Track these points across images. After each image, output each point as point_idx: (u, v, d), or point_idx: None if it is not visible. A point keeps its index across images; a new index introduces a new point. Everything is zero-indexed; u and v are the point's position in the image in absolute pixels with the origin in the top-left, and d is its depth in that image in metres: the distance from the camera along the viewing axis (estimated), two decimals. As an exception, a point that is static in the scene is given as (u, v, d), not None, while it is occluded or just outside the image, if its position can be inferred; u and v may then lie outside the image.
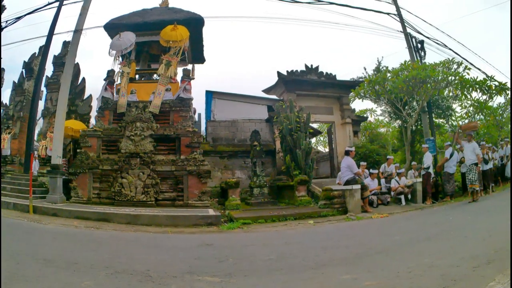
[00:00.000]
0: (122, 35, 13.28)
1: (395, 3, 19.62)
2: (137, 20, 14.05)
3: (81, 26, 12.80)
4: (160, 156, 12.06)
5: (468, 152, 13.21)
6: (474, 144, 13.20)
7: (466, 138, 13.63)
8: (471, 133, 13.84)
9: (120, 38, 13.24)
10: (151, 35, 13.94)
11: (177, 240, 7.58)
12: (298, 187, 13.43)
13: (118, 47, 13.21)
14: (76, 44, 12.85)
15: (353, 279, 4.31)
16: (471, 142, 13.28)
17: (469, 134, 13.73)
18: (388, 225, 9.90)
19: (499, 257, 4.75)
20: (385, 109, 24.42)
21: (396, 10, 19.57)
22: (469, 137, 13.54)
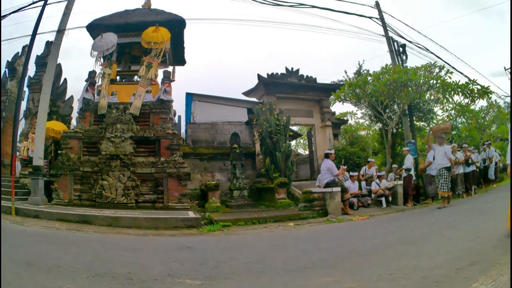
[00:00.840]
0: (104, 36, 13.19)
1: (377, 7, 19.83)
2: (119, 21, 13.97)
3: (64, 26, 12.69)
4: (140, 158, 12.03)
5: (439, 155, 12.71)
6: (446, 147, 12.74)
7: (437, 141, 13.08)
8: (442, 136, 13.22)
9: (102, 39, 13.15)
10: (133, 37, 13.87)
11: (157, 242, 7.58)
12: (278, 189, 13.48)
13: (100, 48, 13.11)
14: (59, 44, 12.71)
15: (334, 281, 4.32)
16: (443, 145, 12.79)
17: (440, 136, 13.12)
18: (369, 227, 9.94)
19: (482, 259, 4.81)
20: (366, 112, 24.56)
21: (379, 14, 19.76)
22: (440, 139, 12.99)
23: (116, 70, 13.72)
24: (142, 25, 13.60)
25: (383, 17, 19.67)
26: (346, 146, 20.60)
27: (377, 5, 19.80)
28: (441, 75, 16.21)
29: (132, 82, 13.72)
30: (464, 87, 16.68)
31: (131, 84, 13.52)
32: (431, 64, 16.41)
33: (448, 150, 12.60)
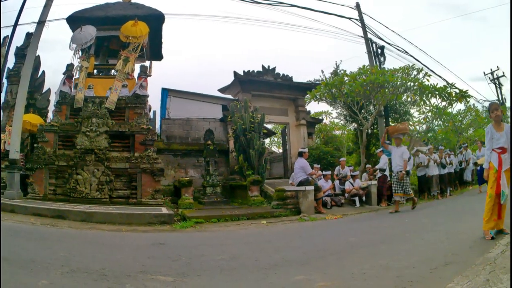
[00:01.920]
0: (83, 28, 13.07)
1: (358, 9, 20.08)
2: (99, 14, 13.87)
3: (45, 17, 12.55)
4: (114, 153, 11.95)
5: (396, 157, 12.33)
6: (403, 149, 12.37)
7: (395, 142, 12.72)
8: (399, 136, 12.79)
9: (81, 31, 13.03)
10: (112, 30, 13.78)
11: (131, 238, 7.58)
12: (251, 187, 13.63)
13: (78, 41, 13.00)
14: (39, 36, 12.57)
15: (306, 279, 4.34)
16: (400, 146, 12.44)
17: (398, 137, 12.68)
18: (342, 226, 10.03)
19: (456, 260, 4.90)
20: (341, 112, 24.77)
21: (359, 15, 20.06)
22: (397, 140, 12.60)
23: (93, 64, 13.62)
24: (122, 19, 13.53)
25: (362, 18, 20.01)
26: (320, 145, 20.86)
27: (358, 6, 20.12)
28: (419, 77, 16.38)
29: (109, 76, 13.59)
30: (442, 90, 16.91)
31: (108, 78, 13.41)
32: (409, 66, 16.59)
33: (405, 152, 12.27)
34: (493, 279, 3.73)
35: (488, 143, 6.41)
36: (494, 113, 6.39)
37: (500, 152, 6.19)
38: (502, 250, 4.90)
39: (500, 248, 5.08)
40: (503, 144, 6.21)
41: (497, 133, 6.30)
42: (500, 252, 4.82)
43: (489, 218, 6.03)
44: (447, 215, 10.36)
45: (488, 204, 6.08)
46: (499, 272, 3.92)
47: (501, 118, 6.48)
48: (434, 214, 10.92)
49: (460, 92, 17.48)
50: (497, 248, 5.11)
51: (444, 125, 21.63)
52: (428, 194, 16.14)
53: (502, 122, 6.45)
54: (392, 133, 12.98)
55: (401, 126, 13.35)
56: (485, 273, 3.96)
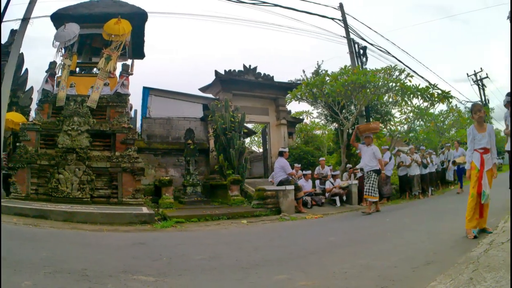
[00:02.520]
0: (67, 26, 12.96)
1: (341, 9, 20.26)
2: (83, 12, 13.75)
3: (30, 14, 12.46)
4: (95, 152, 11.90)
5: (366, 156, 11.91)
6: (374, 148, 11.98)
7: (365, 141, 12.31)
8: (370, 135, 12.37)
9: (65, 29, 12.92)
10: (95, 28, 13.69)
11: (112, 238, 7.60)
12: (231, 186, 13.71)
13: (62, 39, 12.89)
14: (23, 33, 12.48)
15: (287, 279, 4.38)
16: (370, 145, 12.02)
17: (368, 136, 12.28)
18: (323, 225, 10.07)
19: (439, 259, 4.95)
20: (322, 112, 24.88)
21: (342, 16, 20.22)
22: (368, 139, 12.18)
23: (76, 62, 13.51)
24: (105, 17, 13.45)
25: (345, 18, 20.21)
26: (301, 145, 21.09)
27: (341, 6, 20.34)
28: (401, 78, 16.47)
29: (91, 75, 13.52)
30: (424, 91, 17.09)
31: (90, 77, 13.32)
32: (391, 67, 16.66)
33: (376, 151, 11.90)
34: (476, 278, 3.76)
35: (470, 144, 6.50)
36: (476, 114, 6.49)
37: (483, 152, 6.29)
38: (485, 249, 4.94)
39: (483, 247, 5.12)
40: (486, 144, 6.31)
41: (479, 134, 6.39)
42: (483, 251, 4.86)
43: (471, 217, 6.12)
44: (428, 215, 10.46)
45: (470, 204, 6.17)
46: (483, 271, 3.95)
47: (483, 119, 6.57)
48: (415, 214, 11.03)
49: (443, 93, 17.69)
50: (480, 247, 5.16)
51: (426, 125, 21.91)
52: (409, 193, 16.29)
53: (484, 123, 6.55)
54: (362, 132, 12.66)
55: (372, 125, 13.04)
56: (468, 272, 4.00)
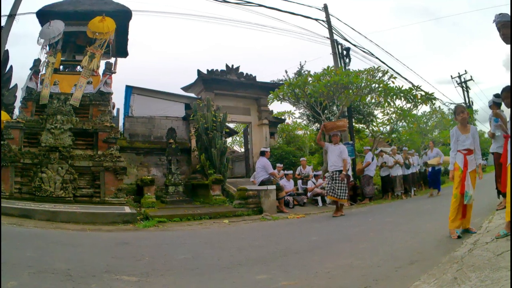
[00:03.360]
0: (52, 23, 12.95)
1: (325, 10, 20.38)
2: (68, 9, 13.75)
3: (16, 11, 12.39)
4: (78, 151, 11.87)
5: (333, 156, 11.31)
6: (342, 147, 11.41)
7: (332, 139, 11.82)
8: (337, 134, 11.85)
9: (50, 26, 12.90)
10: (80, 25, 13.72)
11: (95, 238, 7.59)
12: (213, 186, 13.72)
13: (47, 36, 12.85)
14: (8, 29, 12.41)
15: (269, 279, 4.37)
16: (338, 144, 11.49)
17: (336, 134, 11.73)
18: (305, 225, 10.06)
19: (422, 258, 4.94)
20: (304, 112, 25.10)
21: (326, 17, 20.31)
22: (335, 138, 11.64)
23: (60, 59, 13.48)
24: (90, 14, 13.48)
25: (329, 19, 20.32)
26: (283, 145, 21.01)
27: (325, 7, 20.45)
28: (384, 79, 16.77)
29: (74, 72, 13.50)
30: (407, 92, 17.38)
31: (73, 74, 13.31)
32: (375, 68, 16.97)
33: (343, 151, 11.31)
34: (461, 277, 3.76)
35: (453, 145, 6.54)
36: (460, 116, 6.53)
37: (466, 153, 6.33)
38: (470, 249, 4.96)
39: (468, 246, 5.14)
40: (469, 145, 6.35)
41: (462, 135, 6.43)
42: (467, 251, 4.87)
43: (454, 217, 6.16)
44: (411, 215, 10.53)
45: (453, 204, 6.20)
46: (467, 270, 3.94)
47: (467, 120, 6.61)
48: (398, 214, 11.10)
49: (426, 95, 18.00)
50: (464, 247, 5.19)
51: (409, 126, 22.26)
52: (392, 194, 16.47)
53: (468, 124, 6.59)
54: (329, 130, 11.96)
55: (339, 123, 12.22)
56: (452, 271, 4.00)
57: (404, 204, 13.87)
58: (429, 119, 24.62)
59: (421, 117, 23.72)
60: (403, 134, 23.17)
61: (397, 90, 17.15)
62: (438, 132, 25.56)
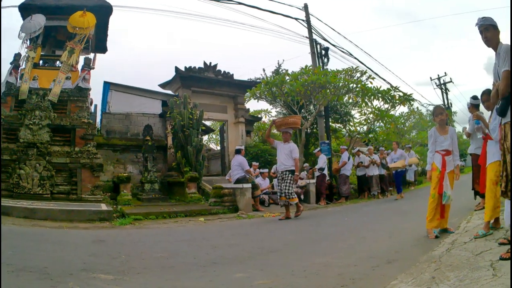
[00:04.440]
0: (33, 17, 12.85)
1: (305, 10, 20.61)
2: (50, 3, 13.64)
3: (-2, 5, 12.26)
4: (56, 147, 11.82)
5: (282, 155, 10.70)
6: (292, 146, 10.75)
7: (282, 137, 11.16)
8: (288, 131, 11.07)
9: (31, 20, 12.80)
10: (60, 20, 13.63)
11: (72, 235, 7.59)
12: (189, 184, 13.91)
13: (28, 30, 12.74)
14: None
15: (246, 277, 4.35)
16: (288, 142, 10.79)
17: (286, 131, 11.01)
18: (280, 224, 10.01)
19: (399, 257, 4.97)
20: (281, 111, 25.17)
21: (306, 16, 20.57)
22: (285, 135, 10.94)
23: (40, 54, 13.39)
24: (71, 9, 13.40)
25: (309, 19, 20.65)
26: (259, 144, 21.23)
27: (306, 7, 20.74)
28: (362, 80, 17.09)
29: (54, 68, 13.42)
30: (385, 93, 17.69)
31: (53, 70, 13.23)
32: (353, 68, 17.26)
33: (294, 149, 10.68)
34: (439, 277, 3.74)
35: (431, 146, 6.58)
36: (438, 117, 6.59)
37: (444, 154, 6.38)
38: (448, 248, 4.96)
39: (445, 246, 5.15)
40: (447, 147, 6.39)
41: (441, 136, 6.46)
42: (445, 250, 4.87)
43: (432, 217, 6.21)
44: (388, 214, 10.68)
45: (431, 204, 6.25)
46: (445, 270, 3.94)
47: (445, 121, 6.67)
48: (374, 213, 11.28)
49: (404, 96, 18.32)
50: (442, 246, 5.20)
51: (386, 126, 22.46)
52: (368, 193, 16.73)
53: (446, 126, 6.64)
54: (279, 127, 11.33)
55: (290, 120, 11.45)
56: (430, 271, 3.99)
57: (381, 203, 14.07)
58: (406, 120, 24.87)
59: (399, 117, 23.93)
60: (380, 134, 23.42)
61: (375, 90, 17.46)
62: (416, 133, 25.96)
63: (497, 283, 3.24)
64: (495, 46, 4.44)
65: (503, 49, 4.25)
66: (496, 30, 4.46)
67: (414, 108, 24.46)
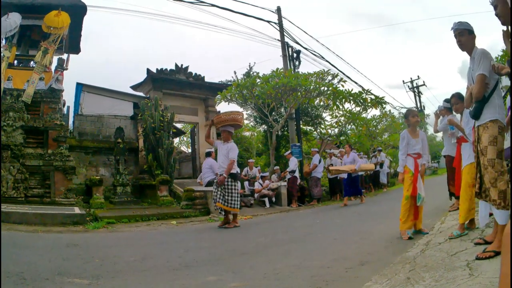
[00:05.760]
0: (9, 15, 12.73)
1: (278, 13, 20.87)
2: (26, 1, 13.51)
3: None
4: (29, 149, 11.73)
5: (220, 156, 9.74)
6: (230, 146, 9.65)
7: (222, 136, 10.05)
8: (228, 129, 9.92)
9: (8, 18, 12.68)
10: (36, 19, 13.52)
11: (46, 239, 7.58)
12: (160, 186, 13.93)
13: (4, 29, 12.60)
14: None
15: (218, 280, 4.39)
16: (229, 142, 9.74)
17: (225, 130, 9.88)
18: (253, 226, 10.22)
19: (373, 259, 4.99)
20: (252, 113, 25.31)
21: (278, 19, 20.83)
22: (224, 134, 9.87)
23: (15, 54, 13.24)
24: (47, 8, 13.30)
25: (282, 22, 20.90)
26: (229, 146, 21.18)
27: (278, 10, 21.02)
28: (334, 82, 17.32)
29: (28, 68, 13.29)
30: (357, 96, 17.97)
31: (27, 70, 13.10)
32: (324, 71, 17.51)
33: (231, 150, 9.60)
34: (414, 277, 3.74)
35: (403, 148, 6.60)
36: (415, 118, 6.69)
37: (416, 157, 6.48)
38: (422, 249, 4.99)
39: (420, 247, 5.18)
40: (419, 150, 6.50)
41: (413, 139, 6.55)
42: (420, 251, 4.90)
43: (406, 219, 6.28)
44: (360, 216, 10.71)
45: (404, 206, 6.31)
46: (420, 271, 3.94)
47: (418, 125, 6.79)
48: (347, 215, 11.23)
49: (376, 98, 18.62)
50: (416, 247, 5.24)
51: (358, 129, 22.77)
52: (340, 195, 16.78)
53: (417, 129, 6.75)
54: (217, 124, 10.11)
55: (228, 117, 10.10)
56: (405, 272, 4.00)
57: (353, 205, 14.15)
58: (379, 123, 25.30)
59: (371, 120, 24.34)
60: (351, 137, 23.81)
61: (346, 93, 17.72)
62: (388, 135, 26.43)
63: (474, 282, 3.28)
64: (470, 50, 4.59)
65: (478, 53, 4.41)
66: (470, 35, 4.59)
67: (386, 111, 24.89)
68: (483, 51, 4.39)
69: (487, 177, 4.17)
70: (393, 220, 7.05)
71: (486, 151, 4.20)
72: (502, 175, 4.10)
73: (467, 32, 4.56)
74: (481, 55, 4.33)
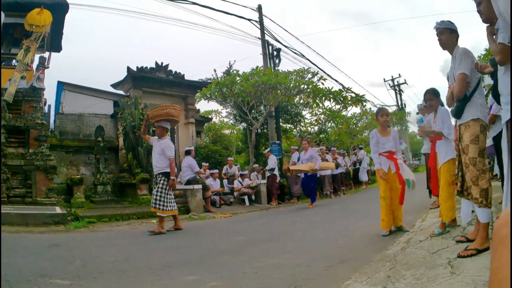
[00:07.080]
0: None
1: (259, 11, 21.05)
2: (9, -1, 13.46)
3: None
4: (11, 149, 11.74)
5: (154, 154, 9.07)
6: (164, 142, 8.94)
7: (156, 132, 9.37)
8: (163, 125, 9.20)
9: None
10: (18, 17, 13.50)
11: (28, 240, 7.61)
12: (140, 185, 13.94)
13: None
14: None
15: (198, 280, 4.42)
16: (163, 138, 9.07)
17: (160, 126, 9.13)
18: (232, 225, 10.35)
19: (352, 257, 5.03)
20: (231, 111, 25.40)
21: (259, 17, 21.07)
22: (159, 130, 9.17)
23: (-3, 52, 13.13)
24: (30, 5, 13.27)
25: (262, 20, 21.10)
26: (209, 144, 21.50)
27: (259, 8, 21.20)
28: (314, 81, 17.62)
29: (10, 66, 13.26)
30: (337, 94, 18.18)
31: (9, 68, 13.03)
32: (304, 69, 17.76)
33: (166, 147, 8.85)
34: (394, 276, 3.72)
35: (374, 147, 6.66)
36: (384, 117, 6.70)
37: (388, 155, 6.52)
38: (403, 247, 4.97)
39: (400, 245, 5.16)
40: (390, 148, 6.53)
41: (383, 138, 6.59)
42: (400, 249, 4.88)
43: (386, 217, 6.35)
44: (340, 214, 10.71)
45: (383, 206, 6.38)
46: (401, 269, 3.93)
47: (388, 123, 6.80)
48: (327, 213, 11.33)
49: (356, 96, 18.89)
50: (396, 245, 5.21)
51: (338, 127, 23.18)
52: (320, 193, 16.97)
53: (388, 127, 6.76)
54: (152, 119, 9.22)
55: (162, 111, 9.16)
56: (385, 270, 3.98)
57: (333, 203, 14.34)
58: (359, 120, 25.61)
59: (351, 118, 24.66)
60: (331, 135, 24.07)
61: (326, 91, 17.95)
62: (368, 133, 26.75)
63: (455, 280, 3.27)
64: (451, 49, 4.67)
65: (459, 53, 4.49)
66: (452, 34, 4.64)
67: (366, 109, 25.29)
68: (465, 50, 4.49)
69: (468, 175, 4.30)
70: (373, 217, 7.15)
71: (468, 150, 4.31)
72: (484, 173, 4.22)
73: (449, 31, 4.63)
74: (462, 54, 4.41)
